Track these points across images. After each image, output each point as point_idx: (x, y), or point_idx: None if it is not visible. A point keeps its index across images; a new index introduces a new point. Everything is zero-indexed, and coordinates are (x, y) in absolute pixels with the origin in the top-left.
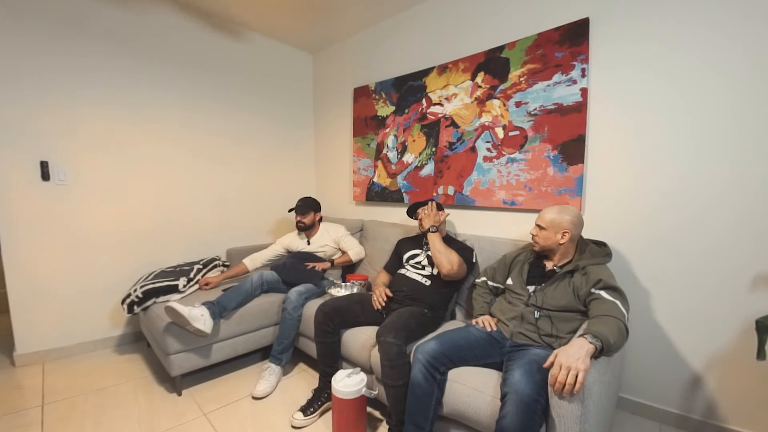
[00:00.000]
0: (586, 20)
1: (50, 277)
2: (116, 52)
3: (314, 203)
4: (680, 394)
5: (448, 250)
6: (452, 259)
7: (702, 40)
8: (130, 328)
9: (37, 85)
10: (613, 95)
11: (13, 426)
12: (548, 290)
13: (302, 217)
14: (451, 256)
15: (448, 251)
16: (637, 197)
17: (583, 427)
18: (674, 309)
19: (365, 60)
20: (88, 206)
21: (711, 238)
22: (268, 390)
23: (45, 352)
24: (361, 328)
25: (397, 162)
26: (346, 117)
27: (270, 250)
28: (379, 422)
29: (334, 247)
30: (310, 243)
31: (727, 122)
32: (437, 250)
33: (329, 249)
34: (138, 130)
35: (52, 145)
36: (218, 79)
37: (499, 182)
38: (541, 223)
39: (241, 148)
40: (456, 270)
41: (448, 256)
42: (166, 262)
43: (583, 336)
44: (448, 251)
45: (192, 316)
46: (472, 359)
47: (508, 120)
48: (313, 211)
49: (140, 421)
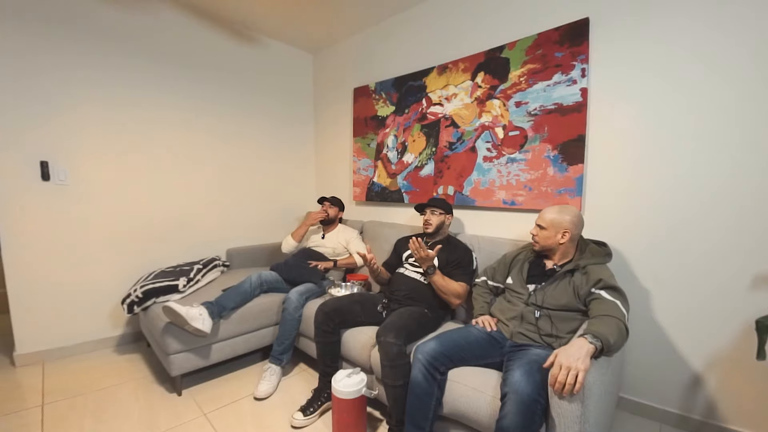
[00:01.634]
0: (586, 20)
1: (50, 277)
2: (116, 52)
3: (341, 203)
4: (680, 394)
5: (448, 284)
6: (457, 292)
7: (702, 40)
8: (130, 328)
9: (37, 85)
10: (613, 95)
11: (13, 426)
12: (548, 289)
13: (330, 207)
14: (454, 287)
15: (449, 285)
16: (637, 197)
17: (583, 427)
18: (674, 309)
19: (365, 60)
20: (88, 206)
21: (711, 238)
22: (270, 390)
23: (45, 352)
24: (361, 328)
25: (397, 162)
26: (346, 117)
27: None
28: (379, 422)
29: (344, 246)
30: (324, 237)
31: (728, 122)
32: (441, 291)
33: (339, 247)
34: (138, 130)
35: (52, 145)
36: (218, 79)
37: (499, 182)
38: (541, 223)
39: (241, 148)
40: (464, 298)
41: (454, 291)
42: (166, 262)
43: (583, 336)
44: (448, 285)
45: (190, 316)
46: (472, 359)
47: (508, 120)
48: (338, 208)
49: (140, 421)
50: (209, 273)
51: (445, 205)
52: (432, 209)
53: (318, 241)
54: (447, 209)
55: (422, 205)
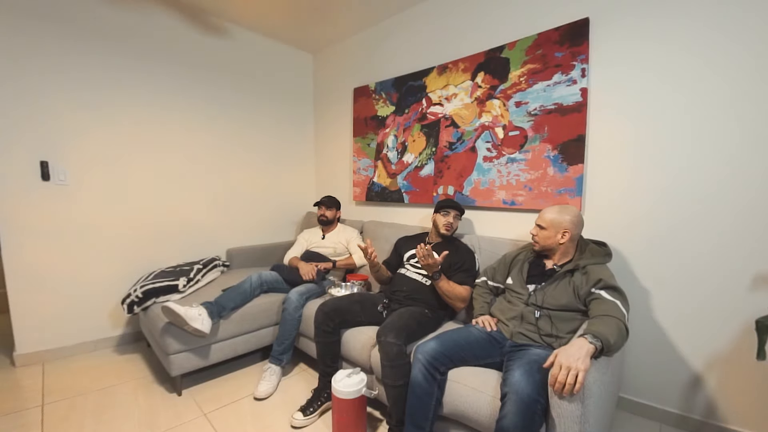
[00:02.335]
0: (586, 20)
1: (50, 277)
2: (116, 53)
3: (337, 201)
4: (680, 394)
5: (453, 288)
6: (462, 296)
7: (702, 40)
8: (130, 328)
9: (37, 85)
10: (613, 95)
11: (13, 426)
12: (548, 289)
13: (327, 210)
14: (459, 292)
15: (454, 289)
16: (637, 197)
17: (583, 427)
18: (674, 309)
19: (365, 60)
20: (88, 206)
21: (711, 238)
22: (270, 391)
23: (45, 352)
24: (361, 328)
25: (397, 162)
26: (346, 117)
27: (299, 245)
28: (379, 422)
29: (344, 246)
30: (324, 238)
31: (727, 122)
32: (446, 295)
33: (340, 247)
34: (138, 130)
35: (52, 145)
36: (218, 80)
37: (499, 182)
38: (541, 223)
39: (240, 148)
40: (470, 299)
41: (459, 295)
42: (166, 262)
43: (583, 336)
44: (453, 289)
45: (189, 316)
46: (472, 359)
47: (508, 120)
48: (335, 208)
49: (140, 421)
50: (209, 273)
51: (462, 209)
52: (456, 213)
53: (318, 242)
54: (462, 213)
55: (448, 206)
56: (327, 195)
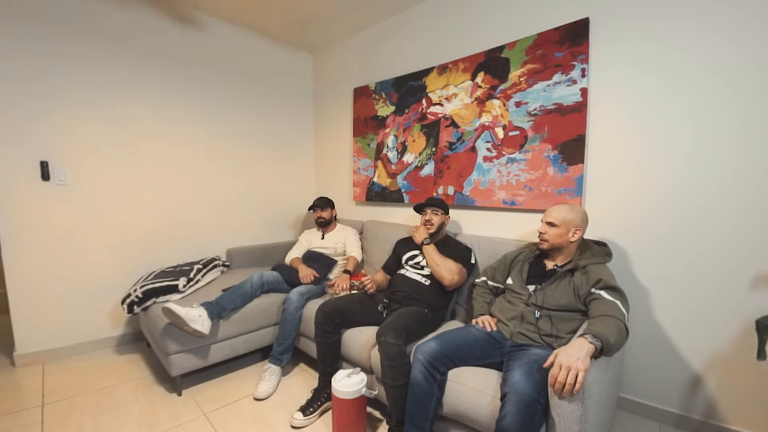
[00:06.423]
0: (586, 20)
1: (50, 277)
2: (116, 53)
3: (330, 201)
4: (680, 394)
5: (444, 260)
6: (451, 268)
7: (702, 41)
8: (130, 328)
9: (37, 85)
10: (613, 95)
11: (13, 426)
12: (548, 289)
13: (322, 211)
14: (449, 265)
15: (445, 261)
16: (637, 197)
17: (583, 427)
18: (675, 309)
19: (365, 60)
20: (88, 206)
21: (711, 238)
22: (270, 391)
23: (45, 352)
24: (361, 328)
25: (397, 162)
26: (346, 117)
27: (300, 245)
28: (379, 422)
29: (344, 244)
30: (324, 238)
31: (727, 122)
32: (434, 262)
33: (340, 246)
34: (138, 130)
35: (52, 145)
36: (218, 80)
37: (499, 182)
38: (553, 221)
39: (240, 148)
40: (457, 279)
41: (447, 266)
42: (166, 262)
43: (583, 336)
44: (444, 261)
45: (189, 317)
46: (472, 359)
47: (508, 120)
48: (330, 207)
49: (140, 421)
50: (209, 273)
51: (444, 205)
52: (433, 209)
53: (318, 242)
54: (446, 209)
55: (421, 205)
56: (318, 197)
